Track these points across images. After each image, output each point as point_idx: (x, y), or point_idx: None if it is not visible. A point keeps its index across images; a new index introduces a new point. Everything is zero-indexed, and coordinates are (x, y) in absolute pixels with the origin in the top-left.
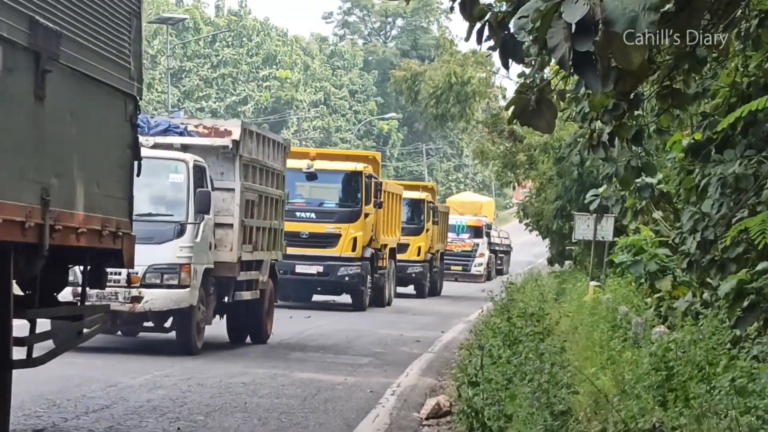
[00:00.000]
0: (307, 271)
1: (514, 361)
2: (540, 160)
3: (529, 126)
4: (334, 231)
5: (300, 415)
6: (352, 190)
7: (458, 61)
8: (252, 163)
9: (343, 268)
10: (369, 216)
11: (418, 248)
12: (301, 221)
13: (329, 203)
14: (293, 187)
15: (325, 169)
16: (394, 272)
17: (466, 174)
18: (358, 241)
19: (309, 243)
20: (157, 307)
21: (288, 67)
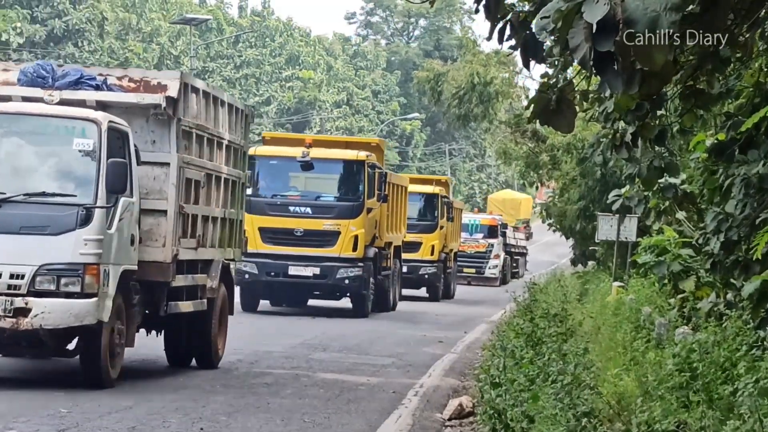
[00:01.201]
0: (301, 273)
1: (537, 362)
2: (563, 160)
3: (549, 125)
4: (332, 228)
5: (323, 415)
6: (352, 181)
7: (481, 62)
8: (197, 131)
9: (342, 270)
10: (372, 211)
11: (431, 247)
12: (295, 217)
13: (327, 196)
14: (286, 178)
15: (323, 158)
16: (399, 273)
17: (489, 174)
18: (360, 240)
19: (304, 241)
20: (52, 323)
21: (311, 67)
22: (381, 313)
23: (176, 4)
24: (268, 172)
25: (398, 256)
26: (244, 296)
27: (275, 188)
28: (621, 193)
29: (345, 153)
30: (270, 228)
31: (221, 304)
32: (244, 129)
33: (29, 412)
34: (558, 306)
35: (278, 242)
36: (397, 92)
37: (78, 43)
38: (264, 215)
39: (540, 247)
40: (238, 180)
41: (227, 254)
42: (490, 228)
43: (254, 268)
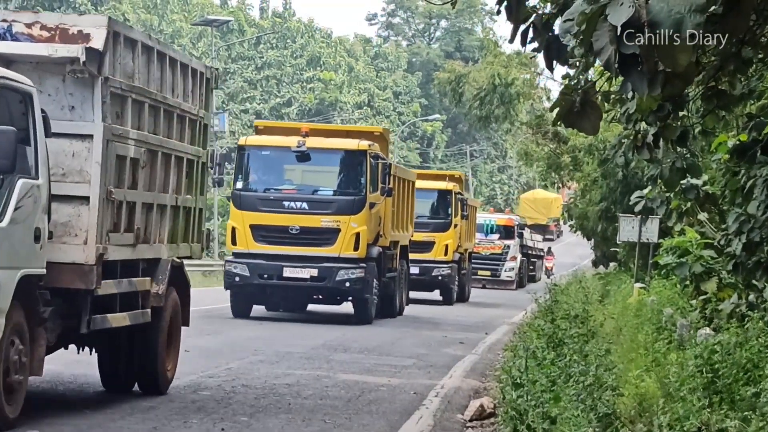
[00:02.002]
0: (297, 275)
1: (559, 363)
2: (584, 161)
3: (573, 128)
4: (331, 225)
5: (344, 416)
6: (353, 173)
7: (502, 63)
8: (135, 95)
9: (343, 272)
10: (375, 206)
11: (444, 247)
12: (290, 213)
13: (325, 190)
14: (280, 170)
15: (320, 148)
16: (406, 275)
17: (510, 175)
18: (362, 238)
19: (300, 240)
20: None
21: (332, 68)
22: (386, 319)
23: (198, 5)
24: (260, 164)
25: (405, 257)
26: (235, 301)
27: (268, 182)
28: (643, 194)
29: (345, 142)
30: (262, 225)
31: (171, 314)
32: (204, 96)
33: (52, 412)
34: (579, 307)
35: (271, 241)
36: (418, 93)
37: None
38: (256, 211)
39: (561, 249)
40: (197, 159)
41: (181, 251)
42: (507, 228)
43: (245, 269)
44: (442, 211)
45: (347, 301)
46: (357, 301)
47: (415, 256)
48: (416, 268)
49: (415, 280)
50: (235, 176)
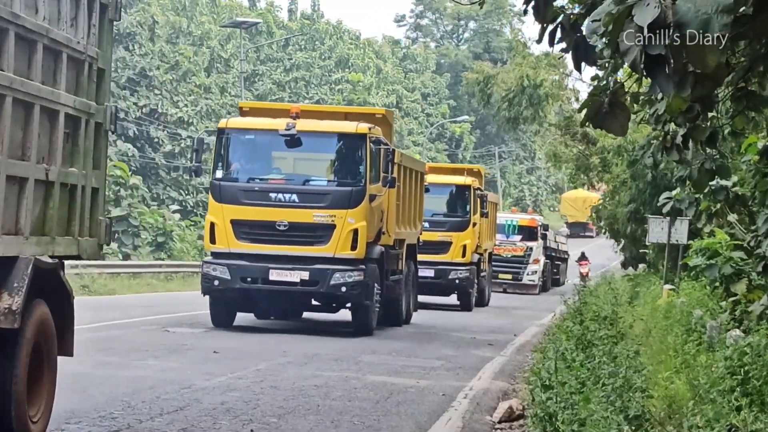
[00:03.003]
0: (285, 278)
1: (588, 364)
2: (613, 162)
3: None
4: (325, 220)
5: (372, 417)
6: (351, 161)
7: (531, 64)
8: None
9: (338, 275)
10: (377, 199)
11: (462, 247)
12: (278, 206)
13: (318, 180)
14: (267, 157)
15: (313, 131)
16: (414, 278)
17: (539, 177)
18: (360, 235)
19: (289, 238)
20: None
21: (360, 70)
22: (390, 328)
23: (226, 7)
24: (243, 150)
25: (412, 257)
26: (215, 308)
27: (252, 170)
28: (672, 195)
29: (341, 125)
30: (245, 221)
31: (37, 338)
32: (97, 27)
33: (81, 414)
34: (609, 309)
35: (256, 239)
36: (447, 95)
37: (129, 47)
38: (238, 204)
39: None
40: (86, 117)
41: (60, 248)
42: (529, 229)
43: (225, 272)
44: (460, 209)
45: (345, 308)
46: (355, 308)
47: (430, 258)
48: (431, 270)
49: (430, 283)
50: (214, 164)
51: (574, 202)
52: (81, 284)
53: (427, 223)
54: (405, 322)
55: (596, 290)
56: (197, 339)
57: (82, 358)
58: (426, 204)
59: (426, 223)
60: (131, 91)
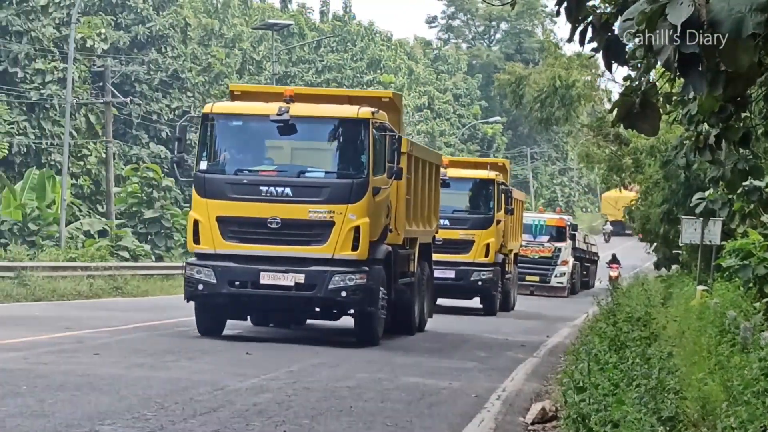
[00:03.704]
0: (278, 282)
1: (621, 366)
2: (646, 163)
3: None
4: (322, 217)
5: (405, 419)
6: (352, 150)
7: (563, 65)
8: None
9: (338, 278)
10: (382, 192)
11: (485, 246)
12: (270, 201)
13: (315, 172)
14: (257, 146)
15: (307, 116)
16: (429, 280)
17: (571, 177)
18: (362, 233)
19: (282, 237)
20: None
21: (392, 71)
22: (399, 337)
23: (258, 9)
24: (230, 138)
25: (427, 257)
26: (201, 315)
27: (241, 161)
28: (705, 196)
29: (341, 109)
30: (233, 218)
31: None
32: None
33: (115, 415)
34: (642, 310)
35: (245, 238)
36: (479, 96)
37: (161, 49)
38: (224, 200)
39: (624, 251)
40: None
41: None
42: (558, 229)
43: (211, 275)
44: (483, 205)
45: (347, 314)
46: (358, 316)
47: (451, 258)
48: (451, 271)
49: (450, 285)
50: (198, 154)
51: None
52: (114, 286)
53: (447, 220)
54: (418, 329)
55: (629, 291)
56: (230, 340)
57: (116, 360)
58: (445, 200)
59: (446, 220)
60: (164, 93)
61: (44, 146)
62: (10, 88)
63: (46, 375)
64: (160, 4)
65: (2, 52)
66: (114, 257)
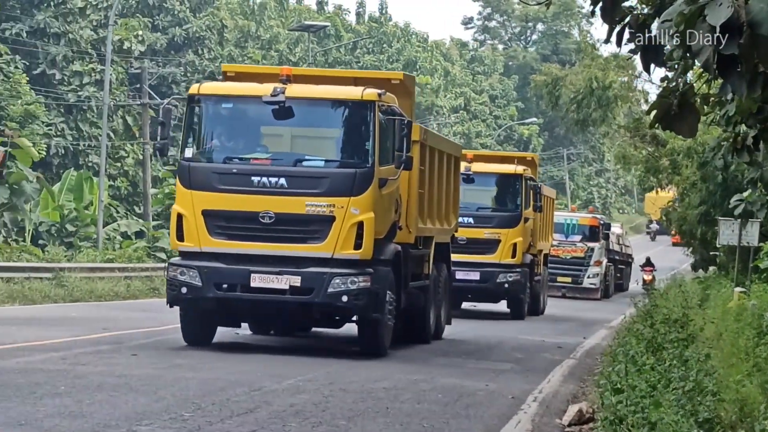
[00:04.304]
0: (271, 284)
1: (658, 367)
2: (683, 164)
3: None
4: (322, 211)
5: (441, 420)
6: (355, 136)
7: (599, 66)
8: None
9: (338, 280)
10: (390, 184)
11: (512, 246)
12: (262, 193)
13: (313, 161)
14: (249, 131)
15: (306, 98)
16: (446, 283)
17: (608, 179)
18: (366, 230)
19: (276, 234)
20: None
21: (428, 72)
22: (413, 346)
23: (295, 11)
24: (219, 123)
25: (444, 258)
26: (186, 321)
27: (231, 148)
28: (743, 197)
29: (343, 91)
30: (221, 212)
31: None
32: None
33: (152, 415)
34: (679, 311)
35: (234, 235)
36: (515, 97)
37: (198, 51)
38: (211, 191)
39: (660, 253)
40: None
41: None
42: (591, 229)
43: (196, 277)
44: (510, 202)
45: (351, 321)
46: (362, 323)
47: (475, 258)
48: (476, 273)
49: (475, 288)
50: (183, 140)
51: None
52: (151, 287)
53: (471, 218)
54: (435, 336)
55: (666, 293)
56: (267, 340)
57: (153, 360)
58: (469, 196)
59: (470, 218)
60: None
61: (82, 148)
62: (48, 90)
63: (84, 375)
64: (197, 6)
65: (40, 55)
66: (151, 258)
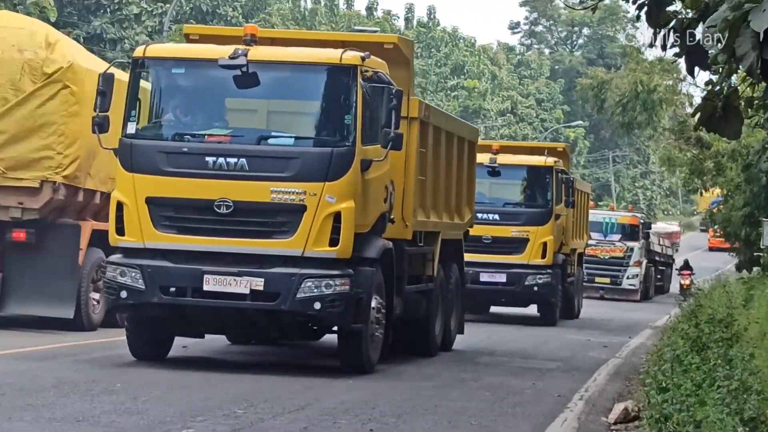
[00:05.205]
0: (229, 288)
1: (703, 367)
2: (727, 166)
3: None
4: (290, 199)
5: (489, 418)
6: (332, 108)
7: (644, 69)
8: None
9: (311, 283)
10: (374, 168)
11: (541, 245)
12: (219, 177)
13: (281, 139)
14: (207, 102)
15: (272, 61)
16: (458, 287)
17: (653, 181)
18: (346, 223)
19: (235, 227)
20: None
21: (476, 76)
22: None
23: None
24: (168, 92)
25: (456, 258)
26: (133, 332)
27: (182, 123)
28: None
29: (316, 54)
30: (169, 200)
31: None
32: None
33: (206, 412)
34: (723, 311)
35: (185, 228)
36: (561, 100)
37: None
38: (157, 174)
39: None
40: None
41: None
42: (630, 228)
43: (138, 278)
44: (539, 197)
45: (331, 332)
46: (342, 335)
47: (502, 259)
48: (503, 275)
49: (501, 291)
50: (126, 113)
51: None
52: None
53: (496, 215)
54: (442, 348)
55: (711, 293)
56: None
57: (209, 356)
58: (495, 191)
59: (495, 215)
60: None
61: None
62: None
63: (139, 373)
64: (249, 11)
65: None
66: None
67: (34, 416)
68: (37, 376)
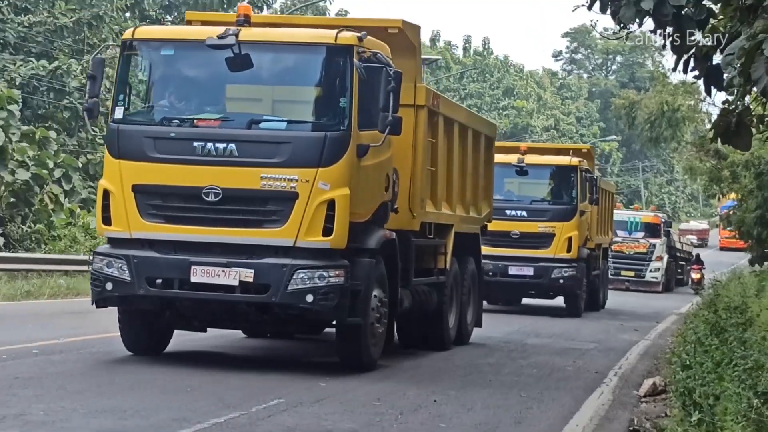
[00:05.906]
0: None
1: (722, 348)
2: (742, 175)
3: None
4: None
5: (536, 391)
6: (327, 90)
7: (669, 91)
8: None
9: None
10: (372, 153)
11: (567, 240)
12: (207, 163)
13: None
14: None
15: (263, 41)
16: (475, 280)
17: (677, 187)
18: (340, 212)
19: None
20: None
21: (524, 98)
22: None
23: None
24: (157, 75)
25: (472, 252)
26: (125, 324)
27: (171, 107)
28: None
29: (309, 34)
30: (156, 188)
31: None
32: None
33: (293, 384)
34: (738, 300)
35: (172, 217)
36: (597, 118)
37: None
38: (144, 161)
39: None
40: None
41: None
42: (652, 226)
43: (124, 270)
44: (565, 194)
45: (330, 327)
46: (339, 329)
47: (529, 253)
48: (530, 268)
49: (529, 283)
50: (114, 98)
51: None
52: None
53: (524, 211)
54: (458, 341)
55: (727, 285)
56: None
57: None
58: (523, 189)
59: (523, 211)
60: None
61: None
62: None
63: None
64: None
65: None
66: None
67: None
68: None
